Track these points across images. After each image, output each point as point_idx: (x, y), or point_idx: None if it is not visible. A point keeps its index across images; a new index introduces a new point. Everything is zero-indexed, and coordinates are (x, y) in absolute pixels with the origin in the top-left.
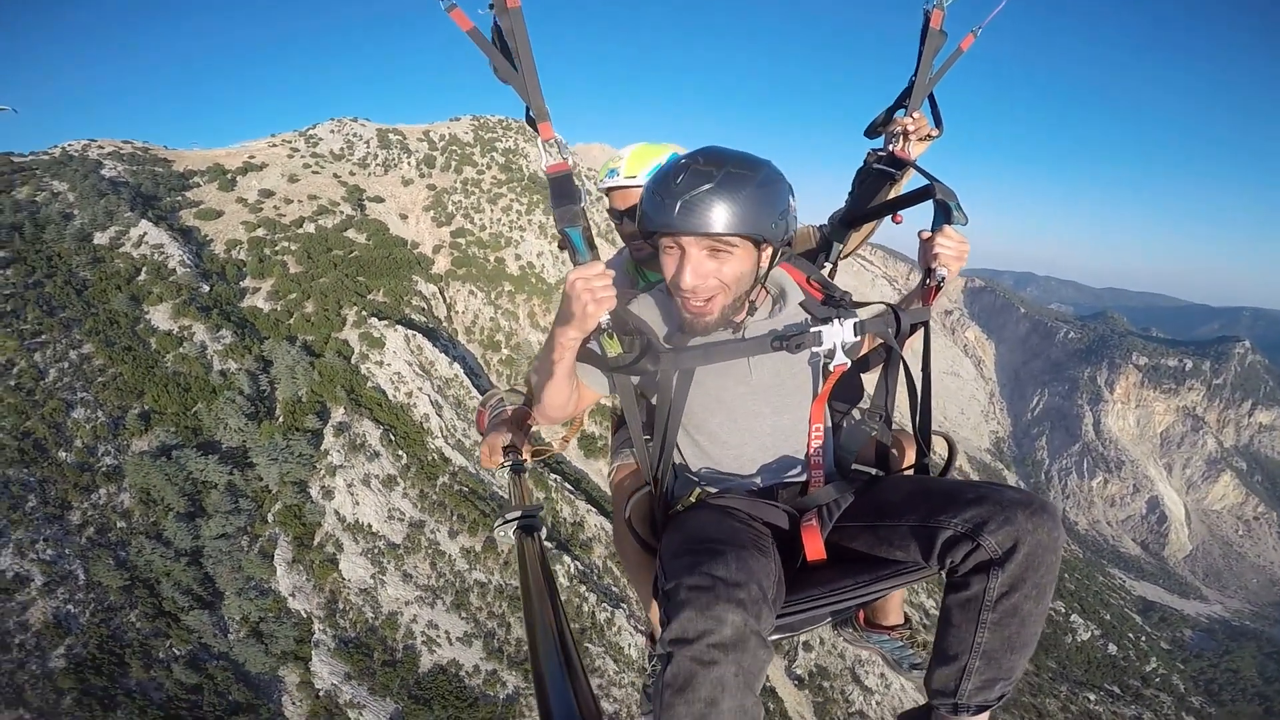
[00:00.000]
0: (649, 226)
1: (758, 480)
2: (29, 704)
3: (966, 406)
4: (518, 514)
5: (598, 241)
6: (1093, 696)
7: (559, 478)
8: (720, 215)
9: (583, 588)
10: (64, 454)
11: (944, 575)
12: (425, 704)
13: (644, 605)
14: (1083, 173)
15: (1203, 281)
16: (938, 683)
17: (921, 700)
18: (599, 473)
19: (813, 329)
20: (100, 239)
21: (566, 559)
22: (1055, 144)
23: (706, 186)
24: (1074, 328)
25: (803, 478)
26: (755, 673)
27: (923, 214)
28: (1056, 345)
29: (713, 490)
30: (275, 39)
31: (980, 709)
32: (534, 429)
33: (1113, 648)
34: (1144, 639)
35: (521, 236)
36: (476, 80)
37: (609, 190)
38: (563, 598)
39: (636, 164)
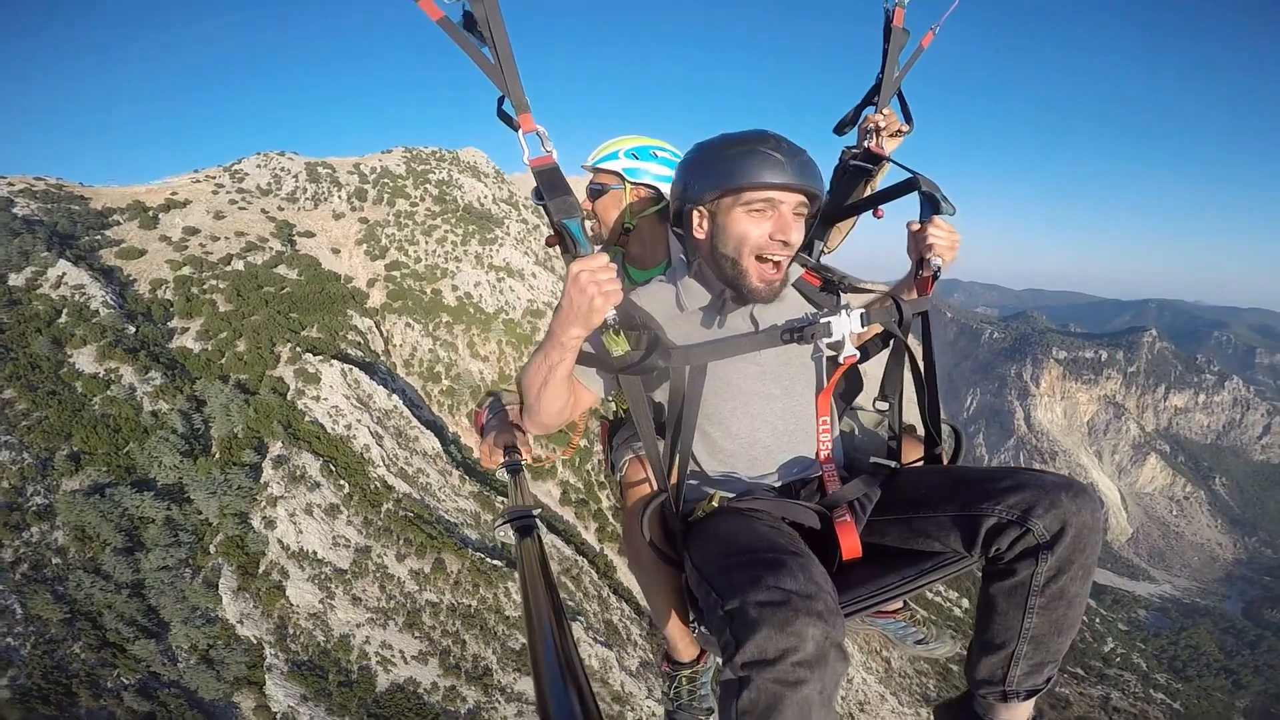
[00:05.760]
0: (746, 181)
1: (774, 478)
2: None
3: (906, 411)
4: (516, 515)
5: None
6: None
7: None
8: (819, 178)
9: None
10: None
11: (983, 564)
12: None
13: (659, 620)
14: (1003, 176)
15: (1114, 276)
16: (983, 672)
17: (880, 690)
18: (548, 494)
19: (822, 320)
20: (16, 280)
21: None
22: (972, 150)
23: (805, 153)
24: (998, 328)
25: (817, 474)
26: (835, 688)
27: (900, 209)
28: (983, 346)
29: (730, 495)
30: (195, 73)
31: (1030, 694)
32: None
33: None
34: (1098, 620)
35: (458, 267)
36: (409, 112)
37: (605, 170)
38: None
39: (634, 146)
